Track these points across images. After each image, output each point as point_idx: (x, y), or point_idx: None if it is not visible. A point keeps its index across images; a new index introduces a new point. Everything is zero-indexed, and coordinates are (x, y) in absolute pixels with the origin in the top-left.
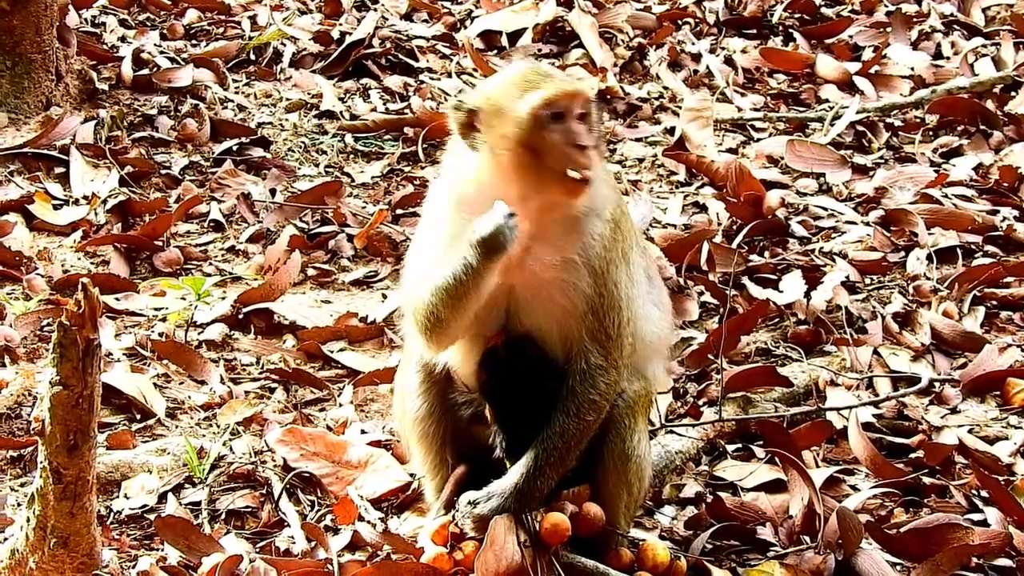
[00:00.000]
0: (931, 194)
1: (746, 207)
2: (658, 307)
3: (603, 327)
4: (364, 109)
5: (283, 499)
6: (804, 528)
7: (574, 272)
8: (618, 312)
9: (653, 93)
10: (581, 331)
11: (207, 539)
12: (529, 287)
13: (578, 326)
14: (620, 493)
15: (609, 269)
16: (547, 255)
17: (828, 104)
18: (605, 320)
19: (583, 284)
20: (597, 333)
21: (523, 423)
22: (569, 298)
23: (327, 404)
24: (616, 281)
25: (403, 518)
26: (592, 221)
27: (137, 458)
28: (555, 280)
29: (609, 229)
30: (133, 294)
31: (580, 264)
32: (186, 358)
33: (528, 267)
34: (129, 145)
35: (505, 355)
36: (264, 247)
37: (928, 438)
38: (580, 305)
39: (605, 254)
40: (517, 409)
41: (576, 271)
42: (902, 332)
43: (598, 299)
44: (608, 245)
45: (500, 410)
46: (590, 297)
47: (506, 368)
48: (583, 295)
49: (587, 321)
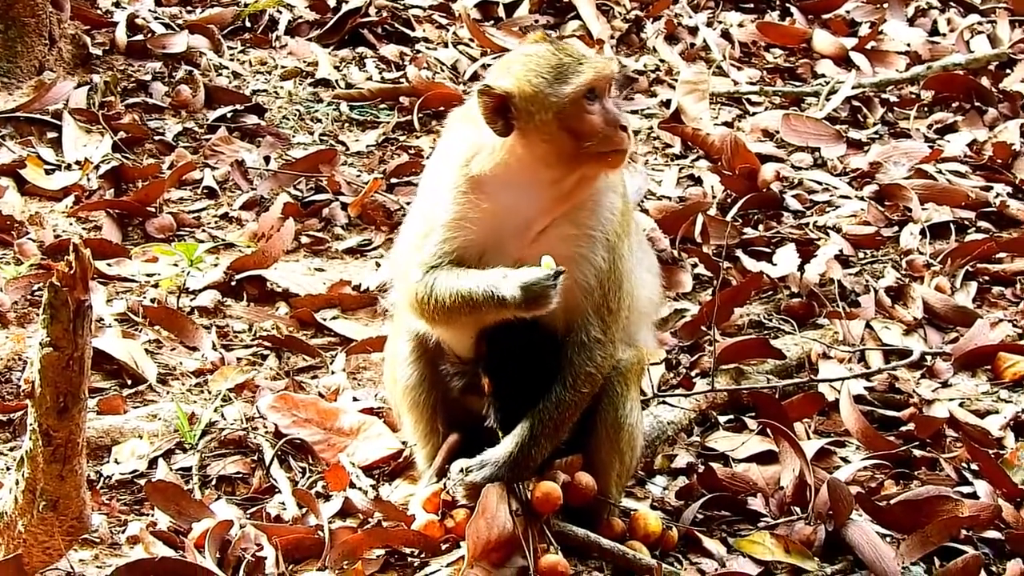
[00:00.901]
0: (925, 169)
1: (741, 180)
2: (650, 272)
3: (607, 301)
4: (360, 78)
5: (274, 465)
6: (795, 499)
7: (591, 247)
8: (621, 284)
9: (650, 66)
10: (586, 305)
11: (198, 504)
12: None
13: (584, 300)
14: (612, 462)
15: (618, 243)
16: (568, 230)
17: (824, 79)
18: (610, 294)
19: (598, 258)
20: (600, 307)
21: (519, 395)
22: (583, 272)
23: (319, 371)
24: (621, 253)
25: (394, 485)
26: (610, 196)
27: (128, 423)
28: (572, 255)
29: (621, 201)
30: (125, 260)
31: (597, 239)
32: (178, 324)
33: (545, 243)
34: (122, 111)
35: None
36: (257, 214)
37: (919, 411)
38: (591, 280)
39: (618, 228)
40: (514, 381)
41: (593, 246)
42: (894, 306)
43: (608, 273)
44: (621, 218)
45: (498, 381)
46: (602, 271)
47: (506, 341)
48: (596, 270)
49: (594, 296)
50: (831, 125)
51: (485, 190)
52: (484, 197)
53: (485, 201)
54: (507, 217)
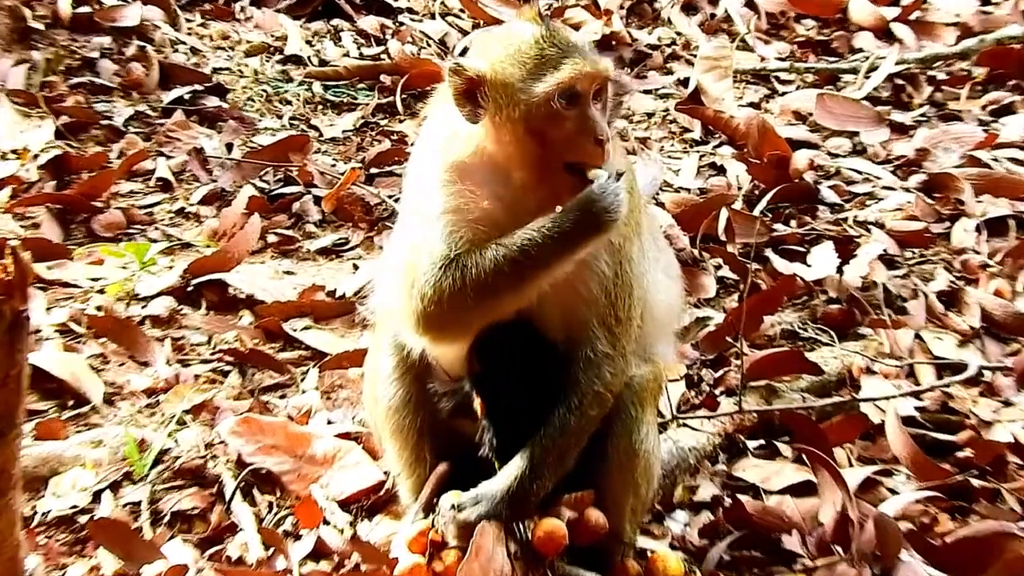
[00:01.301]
0: (979, 156)
1: (770, 169)
2: (668, 274)
3: (614, 310)
4: (335, 54)
5: (236, 499)
6: (836, 537)
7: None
8: (631, 292)
9: (664, 39)
10: (590, 315)
11: (148, 545)
12: None
13: (587, 310)
14: (626, 495)
15: (625, 245)
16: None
17: (863, 54)
18: (617, 302)
19: (601, 264)
20: (607, 317)
21: (517, 418)
22: (584, 280)
23: (288, 390)
24: (630, 257)
25: (375, 522)
26: None
27: (69, 450)
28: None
29: (629, 199)
30: (67, 262)
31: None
32: (127, 336)
33: None
34: (66, 92)
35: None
36: (218, 209)
37: (977, 434)
38: (594, 287)
39: (623, 229)
40: (511, 402)
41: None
42: (947, 313)
43: (614, 279)
44: (625, 219)
45: (492, 402)
46: (606, 278)
47: (502, 355)
48: (599, 276)
49: (597, 305)
50: (871, 106)
51: (473, 178)
52: (473, 186)
53: (475, 189)
54: (500, 208)
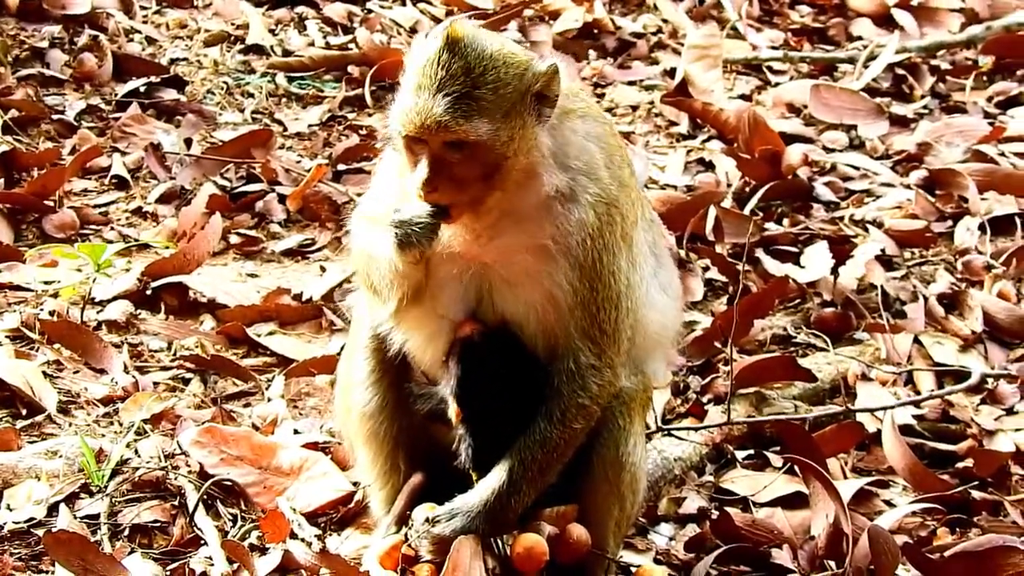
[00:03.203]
0: (984, 151)
1: (761, 165)
2: (665, 292)
3: (596, 323)
4: (300, 43)
5: (199, 512)
6: (829, 551)
7: (549, 262)
8: (615, 305)
9: (650, 27)
10: (568, 327)
11: (107, 559)
12: (501, 269)
13: (562, 321)
14: (610, 509)
15: (603, 259)
16: (515, 237)
17: (861, 42)
18: (599, 315)
19: (561, 277)
20: (589, 329)
21: (496, 427)
22: (545, 289)
23: (253, 398)
24: (613, 270)
25: (344, 536)
26: (565, 207)
27: (22, 462)
28: (527, 267)
29: (595, 214)
30: (18, 264)
31: (556, 254)
32: (82, 342)
33: (496, 246)
34: (14, 84)
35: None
36: (177, 209)
37: (979, 444)
38: (563, 299)
39: (592, 243)
40: (490, 411)
41: (551, 261)
42: (948, 317)
43: (588, 293)
44: (596, 233)
45: (470, 410)
46: (576, 291)
47: (480, 361)
48: (564, 289)
49: (575, 317)
50: (870, 98)
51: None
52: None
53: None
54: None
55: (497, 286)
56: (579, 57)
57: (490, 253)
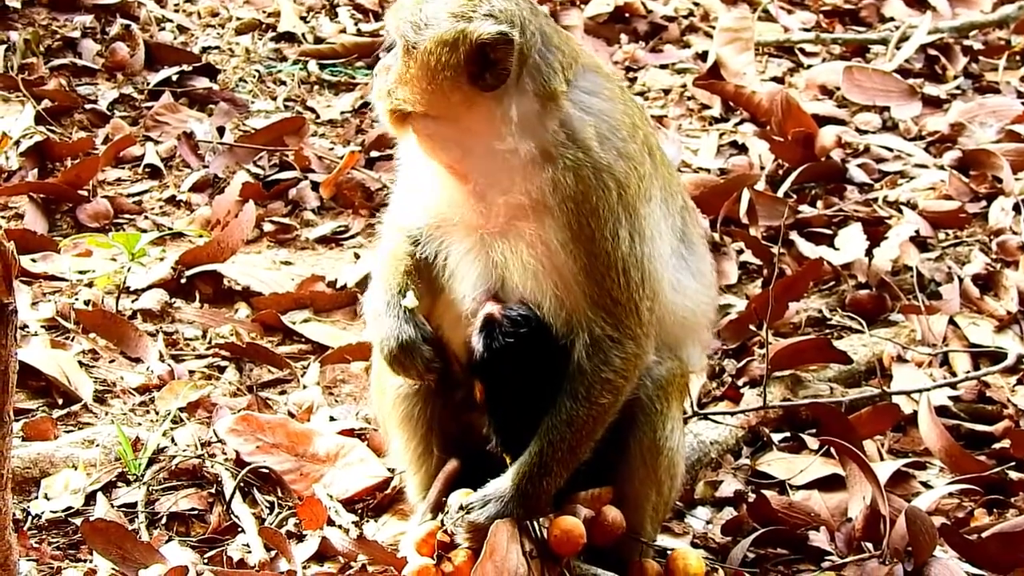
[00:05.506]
0: (1018, 131)
1: (794, 147)
2: (696, 278)
3: (604, 291)
4: (331, 30)
5: (236, 500)
6: (866, 533)
7: (534, 220)
8: (621, 272)
9: (681, 10)
10: (578, 298)
11: (145, 548)
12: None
13: (570, 291)
14: (648, 493)
15: (592, 224)
16: (503, 198)
17: (894, 23)
18: (605, 283)
19: (551, 237)
20: (600, 299)
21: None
22: (540, 252)
23: (288, 386)
24: (608, 236)
25: (381, 522)
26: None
27: (60, 451)
28: (519, 231)
29: (576, 177)
30: (53, 254)
31: (536, 211)
32: (118, 331)
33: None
34: (47, 74)
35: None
36: (211, 197)
37: (1015, 425)
38: (564, 266)
39: (577, 207)
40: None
41: (536, 220)
42: (983, 297)
43: (587, 260)
44: (580, 197)
45: (493, 393)
46: (575, 258)
47: (501, 340)
48: (558, 253)
49: (580, 284)
50: (902, 79)
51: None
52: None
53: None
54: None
55: (506, 258)
56: (611, 41)
57: (488, 223)
